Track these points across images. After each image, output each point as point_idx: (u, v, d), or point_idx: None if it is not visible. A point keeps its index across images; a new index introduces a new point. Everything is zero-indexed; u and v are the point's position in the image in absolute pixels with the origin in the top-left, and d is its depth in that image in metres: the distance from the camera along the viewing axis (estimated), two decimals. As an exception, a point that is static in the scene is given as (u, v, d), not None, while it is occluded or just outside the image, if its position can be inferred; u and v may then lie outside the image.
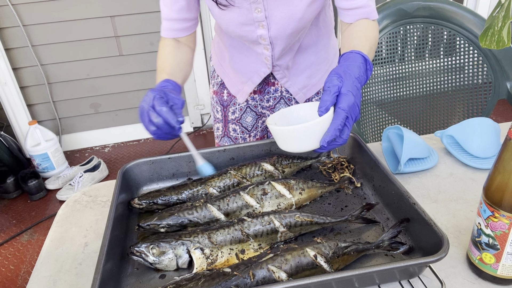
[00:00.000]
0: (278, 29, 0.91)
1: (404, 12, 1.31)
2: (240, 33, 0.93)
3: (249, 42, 0.97)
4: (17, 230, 2.07)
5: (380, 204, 0.78)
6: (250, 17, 0.89)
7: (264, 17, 0.89)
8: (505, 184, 0.56)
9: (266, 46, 0.96)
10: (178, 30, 0.95)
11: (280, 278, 0.60)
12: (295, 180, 0.80)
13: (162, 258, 0.65)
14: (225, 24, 0.92)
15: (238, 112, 1.15)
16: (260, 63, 1.03)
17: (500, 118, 2.75)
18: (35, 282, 0.68)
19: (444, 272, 0.65)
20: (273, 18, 0.89)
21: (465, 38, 1.31)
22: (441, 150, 0.97)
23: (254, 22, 0.90)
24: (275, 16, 0.89)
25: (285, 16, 0.89)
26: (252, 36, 0.93)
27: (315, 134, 0.67)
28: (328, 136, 0.66)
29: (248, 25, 0.91)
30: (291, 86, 1.08)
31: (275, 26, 0.91)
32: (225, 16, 0.90)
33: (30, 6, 2.31)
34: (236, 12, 0.88)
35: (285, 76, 1.06)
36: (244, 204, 0.76)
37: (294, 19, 0.89)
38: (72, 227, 0.80)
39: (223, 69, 1.13)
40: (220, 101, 1.18)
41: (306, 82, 1.09)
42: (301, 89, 1.09)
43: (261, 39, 0.94)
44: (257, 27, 0.91)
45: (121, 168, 0.82)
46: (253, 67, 1.04)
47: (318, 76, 1.09)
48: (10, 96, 2.43)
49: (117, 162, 2.62)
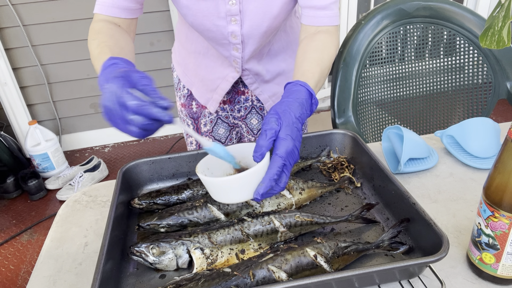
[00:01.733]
0: (252, 25, 0.86)
1: (404, 12, 1.31)
2: (210, 27, 0.86)
3: (217, 43, 0.91)
4: (17, 230, 2.07)
5: (380, 204, 0.78)
6: (223, 9, 0.82)
7: (238, 11, 0.83)
8: (505, 184, 0.56)
9: (236, 46, 0.90)
10: (121, 9, 0.80)
11: (280, 278, 0.60)
12: (295, 180, 0.80)
13: (162, 258, 0.65)
14: (193, 16, 0.84)
15: (210, 124, 1.10)
16: (228, 67, 0.97)
17: (500, 118, 2.75)
18: (35, 282, 0.68)
19: (444, 272, 0.65)
20: (248, 13, 0.83)
21: (465, 38, 1.31)
22: (441, 150, 0.97)
23: (226, 15, 0.84)
24: (250, 11, 0.83)
25: (261, 12, 0.84)
26: (222, 33, 0.87)
27: (250, 185, 0.61)
28: (263, 187, 0.60)
29: (220, 19, 0.84)
30: (261, 93, 1.04)
31: (249, 22, 0.85)
32: (194, 6, 0.82)
33: (30, 6, 2.31)
34: (208, 2, 0.81)
35: (255, 81, 1.01)
36: (244, 204, 0.76)
37: (269, 16, 0.85)
38: (72, 227, 0.80)
39: (189, 78, 1.06)
40: (189, 114, 1.11)
41: (276, 89, 1.05)
42: (271, 97, 1.06)
43: (232, 36, 0.87)
44: (229, 22, 0.85)
45: (121, 168, 0.82)
46: (220, 72, 0.99)
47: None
48: (10, 96, 2.43)
49: (117, 162, 2.62)
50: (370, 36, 1.29)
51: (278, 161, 0.60)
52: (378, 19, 1.29)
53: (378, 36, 1.30)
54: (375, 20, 1.29)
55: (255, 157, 0.60)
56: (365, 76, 1.33)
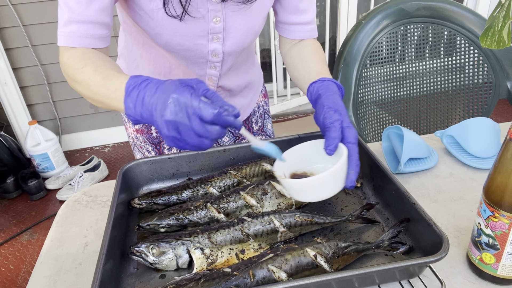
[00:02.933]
0: (235, 43, 0.83)
1: (405, 12, 1.31)
2: (188, 46, 0.80)
3: (192, 62, 0.85)
4: (17, 230, 2.07)
5: (380, 204, 0.78)
6: (206, 28, 0.78)
7: (222, 28, 0.80)
8: (505, 184, 0.56)
9: (215, 64, 0.86)
10: (95, 38, 0.70)
11: (280, 278, 0.60)
12: (295, 180, 0.80)
13: (162, 258, 0.65)
14: (170, 35, 0.76)
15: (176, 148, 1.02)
16: None
17: (500, 118, 2.75)
18: (35, 282, 0.68)
19: (444, 272, 0.65)
20: (231, 30, 0.81)
21: (465, 38, 1.31)
22: (441, 150, 0.97)
23: (208, 33, 0.79)
24: (234, 28, 0.81)
25: (245, 28, 0.82)
26: (202, 51, 0.82)
27: (341, 176, 0.66)
28: (354, 174, 0.65)
29: (201, 37, 0.79)
30: None
31: (232, 39, 0.82)
32: (171, 25, 0.75)
33: (30, 6, 2.31)
34: (189, 21, 0.75)
35: (224, 97, 0.98)
36: (244, 204, 0.76)
37: (252, 32, 0.84)
38: (72, 227, 0.80)
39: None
40: (149, 140, 1.02)
41: (242, 102, 1.03)
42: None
43: (213, 55, 0.83)
44: (210, 40, 0.80)
45: (121, 168, 0.82)
46: None
47: (250, 94, 1.05)
48: (10, 96, 2.43)
49: (117, 162, 2.62)
50: (371, 36, 1.29)
51: (354, 148, 0.66)
52: (379, 19, 1.29)
53: (378, 36, 1.30)
54: (376, 20, 1.29)
55: (329, 150, 0.65)
56: (365, 76, 1.33)
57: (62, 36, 0.70)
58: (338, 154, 0.68)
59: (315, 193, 0.66)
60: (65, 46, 0.70)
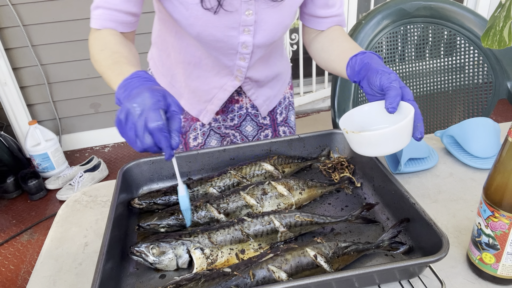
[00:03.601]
0: (265, 36, 0.85)
1: (405, 12, 1.31)
2: (220, 37, 0.83)
3: (222, 53, 0.88)
4: (17, 230, 2.07)
5: (380, 204, 0.78)
6: (238, 20, 0.81)
7: (253, 21, 0.82)
8: (505, 184, 0.56)
9: (244, 56, 0.88)
10: (119, 23, 0.79)
11: (280, 278, 0.60)
12: (295, 180, 0.80)
13: (162, 258, 0.65)
14: (202, 26, 0.80)
15: (201, 137, 1.05)
16: (225, 76, 0.94)
17: (500, 118, 2.75)
18: (35, 282, 0.68)
19: (444, 272, 0.65)
20: (262, 24, 0.83)
21: (465, 38, 1.31)
22: (441, 150, 0.97)
23: (240, 26, 0.82)
24: (265, 21, 0.83)
25: (276, 22, 0.84)
26: (232, 43, 0.84)
27: (410, 129, 0.68)
28: (422, 125, 0.68)
29: (233, 29, 0.82)
30: (256, 99, 1.03)
31: (263, 32, 0.84)
32: (205, 16, 0.79)
33: (30, 6, 2.31)
34: (222, 13, 0.79)
35: (252, 87, 1.00)
36: (244, 204, 0.76)
37: (283, 26, 0.86)
38: (72, 227, 0.80)
39: (177, 90, 1.00)
40: None
41: (269, 93, 1.05)
42: (265, 101, 1.05)
43: (243, 47, 0.86)
44: (241, 32, 0.83)
45: (121, 168, 0.82)
46: (216, 82, 0.95)
47: (278, 86, 1.07)
48: (10, 96, 2.43)
49: (117, 162, 2.62)
50: (371, 36, 1.29)
51: (415, 104, 0.68)
52: (379, 19, 1.29)
53: (378, 36, 1.30)
54: (376, 20, 1.29)
55: (392, 108, 0.68)
56: (365, 76, 1.33)
57: (91, 18, 0.79)
58: (399, 113, 0.70)
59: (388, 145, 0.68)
60: (94, 28, 0.79)
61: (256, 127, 1.10)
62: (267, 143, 0.89)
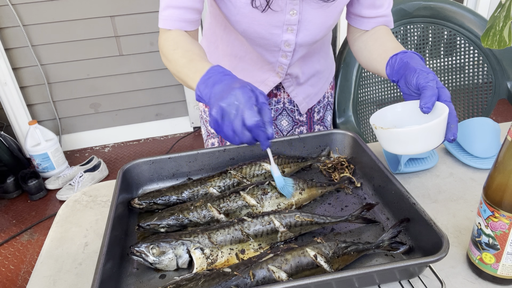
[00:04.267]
0: (308, 35, 0.86)
1: (405, 12, 1.31)
2: (264, 35, 0.86)
3: (265, 49, 0.90)
4: (17, 230, 2.07)
5: (380, 204, 0.78)
6: (282, 19, 0.83)
7: (297, 21, 0.83)
8: (505, 184, 0.56)
9: (287, 54, 0.90)
10: (187, 22, 0.81)
11: (280, 278, 0.60)
12: (295, 180, 0.80)
13: (162, 258, 0.65)
14: (248, 23, 0.83)
15: None
16: (267, 72, 0.97)
17: (500, 118, 2.75)
18: (35, 282, 0.68)
19: (444, 272, 0.65)
20: (306, 23, 0.84)
21: (465, 38, 1.31)
22: (441, 150, 0.97)
23: (283, 24, 0.84)
24: (309, 21, 0.84)
25: (319, 22, 0.85)
26: (276, 41, 0.87)
27: (443, 129, 0.67)
28: (456, 127, 0.67)
29: (277, 28, 0.84)
30: (296, 96, 1.04)
31: (306, 32, 0.85)
32: (251, 14, 0.81)
33: (30, 6, 2.31)
34: (268, 12, 0.81)
35: (292, 84, 1.02)
36: (244, 204, 0.76)
37: (326, 26, 0.86)
38: (72, 227, 0.80)
39: None
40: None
41: (310, 91, 1.06)
42: (305, 99, 1.06)
43: (285, 45, 0.88)
44: (285, 31, 0.85)
45: (121, 168, 0.82)
46: (258, 77, 0.98)
47: (320, 84, 1.07)
48: (10, 96, 2.43)
49: (117, 162, 2.62)
50: (370, 36, 1.29)
51: (451, 106, 0.68)
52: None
53: (378, 36, 1.30)
54: (375, 20, 1.29)
55: (427, 108, 0.67)
56: (365, 76, 1.33)
57: (161, 19, 0.82)
58: (434, 114, 0.69)
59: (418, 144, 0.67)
60: (163, 28, 0.82)
61: (291, 122, 1.11)
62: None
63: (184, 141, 2.79)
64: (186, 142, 2.78)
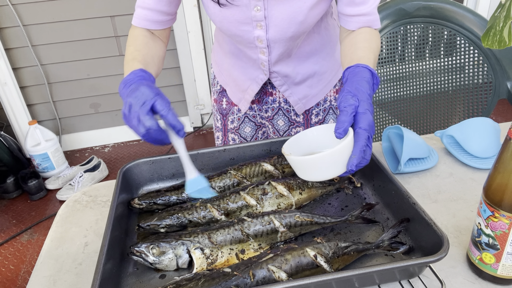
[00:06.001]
0: (278, 31, 0.87)
1: (405, 12, 1.31)
2: (236, 32, 0.88)
3: (245, 46, 0.93)
4: (17, 230, 2.07)
5: (380, 204, 0.78)
6: (248, 15, 0.85)
7: (263, 17, 0.84)
8: (505, 184, 0.56)
9: (263, 50, 0.92)
10: (153, 22, 0.88)
11: (280, 278, 0.60)
12: (295, 180, 0.80)
13: (162, 258, 0.65)
14: (220, 22, 0.87)
15: (237, 121, 1.12)
16: (257, 69, 0.99)
17: (500, 118, 2.75)
18: (35, 282, 0.68)
19: (444, 272, 0.65)
20: (273, 19, 0.85)
21: (465, 38, 1.31)
22: (441, 150, 0.97)
23: (252, 21, 0.85)
24: (276, 17, 0.85)
25: (286, 18, 0.85)
26: (248, 37, 0.89)
27: (341, 159, 0.65)
28: (356, 159, 0.64)
29: (245, 24, 0.86)
30: (290, 96, 1.04)
31: (274, 27, 0.86)
32: (220, 13, 0.85)
33: (30, 6, 2.31)
34: (233, 9, 0.84)
35: (284, 83, 1.02)
36: (244, 204, 0.76)
37: (295, 22, 0.86)
38: (72, 227, 0.80)
39: (224, 78, 1.09)
40: (219, 110, 1.14)
41: (307, 92, 1.05)
42: (301, 99, 1.05)
43: (258, 41, 0.89)
44: (254, 27, 0.86)
45: (121, 168, 0.82)
46: (251, 74, 1.01)
47: (319, 86, 1.05)
48: (10, 96, 2.43)
49: (117, 162, 2.62)
50: (370, 36, 1.29)
51: (363, 134, 0.65)
52: (378, 19, 1.29)
53: (378, 36, 1.30)
54: (375, 20, 1.29)
55: (338, 134, 0.65)
56: (365, 76, 1.33)
57: (133, 17, 0.89)
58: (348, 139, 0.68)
59: (314, 172, 0.68)
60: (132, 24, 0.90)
61: (288, 122, 1.11)
62: (267, 143, 0.89)
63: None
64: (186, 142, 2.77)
